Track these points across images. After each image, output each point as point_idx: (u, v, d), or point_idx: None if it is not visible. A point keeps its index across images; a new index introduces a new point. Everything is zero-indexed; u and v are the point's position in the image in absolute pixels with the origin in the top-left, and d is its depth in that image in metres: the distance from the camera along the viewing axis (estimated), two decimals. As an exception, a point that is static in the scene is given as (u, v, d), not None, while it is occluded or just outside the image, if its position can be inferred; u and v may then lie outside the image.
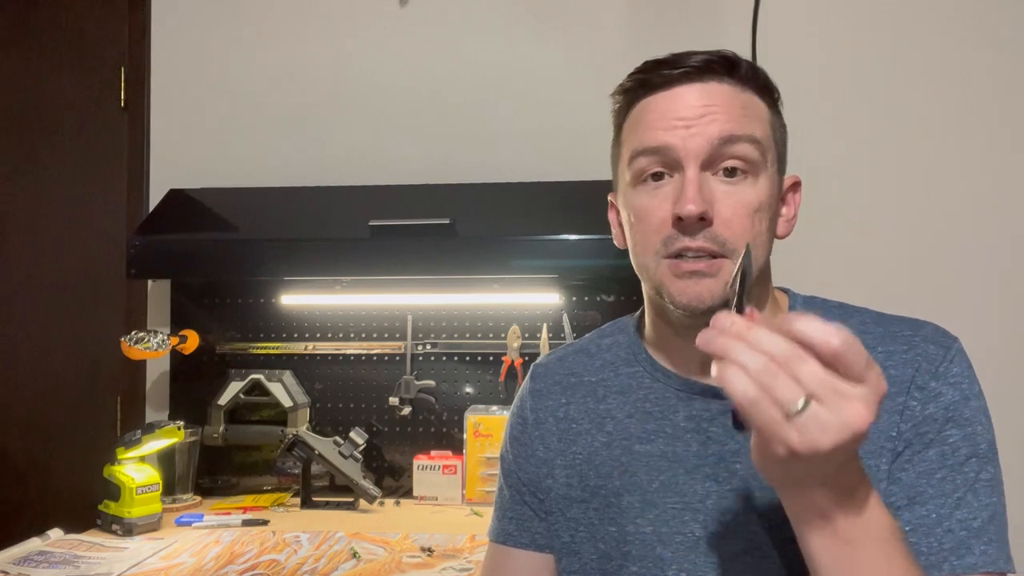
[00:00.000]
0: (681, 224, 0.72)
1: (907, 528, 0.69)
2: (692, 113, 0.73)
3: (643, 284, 0.81)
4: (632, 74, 0.79)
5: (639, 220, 0.76)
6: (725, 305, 0.61)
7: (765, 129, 0.75)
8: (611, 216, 0.86)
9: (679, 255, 0.72)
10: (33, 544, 1.48)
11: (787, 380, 0.51)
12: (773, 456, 0.54)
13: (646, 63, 0.78)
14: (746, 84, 0.75)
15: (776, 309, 0.81)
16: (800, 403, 0.51)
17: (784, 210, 0.80)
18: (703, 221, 0.71)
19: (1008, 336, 1.76)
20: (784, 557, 0.71)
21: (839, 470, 0.55)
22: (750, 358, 0.52)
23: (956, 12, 1.81)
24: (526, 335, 1.87)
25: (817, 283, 0.98)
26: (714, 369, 0.54)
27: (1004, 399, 1.11)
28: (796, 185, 0.82)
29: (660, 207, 0.74)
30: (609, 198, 0.86)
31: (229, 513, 1.68)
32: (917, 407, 0.72)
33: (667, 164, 0.74)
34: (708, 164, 0.73)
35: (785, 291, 0.85)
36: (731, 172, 0.73)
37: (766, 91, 0.77)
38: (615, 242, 0.86)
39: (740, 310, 0.58)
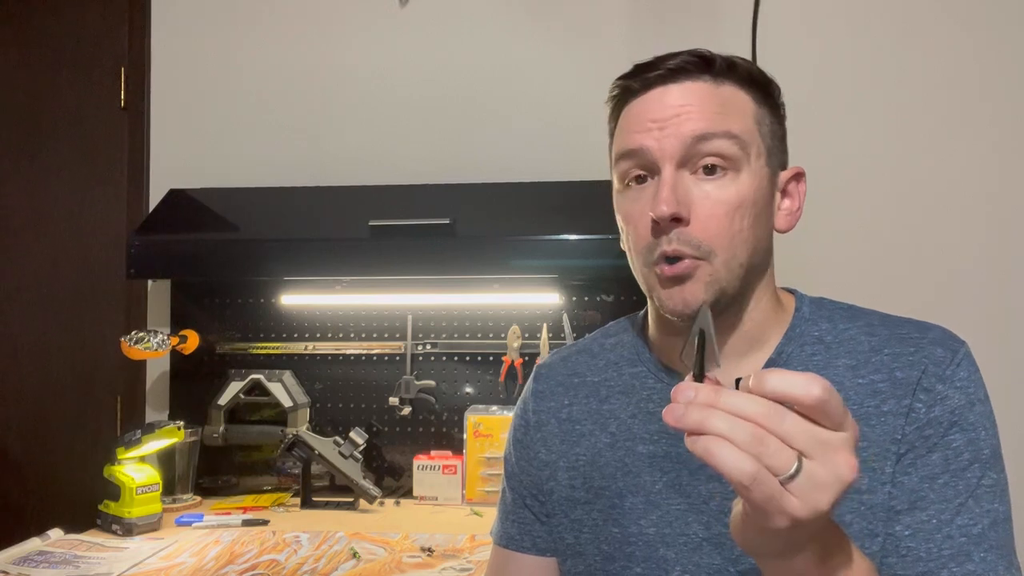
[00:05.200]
0: (657, 227, 0.72)
1: (907, 532, 0.69)
2: (666, 114, 0.73)
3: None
4: (617, 79, 0.80)
5: (627, 224, 0.77)
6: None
7: (746, 123, 0.74)
8: (618, 219, 0.86)
9: (662, 260, 0.73)
10: (33, 544, 1.48)
11: (777, 444, 0.48)
12: (772, 530, 0.50)
13: (632, 68, 0.79)
14: (724, 79, 0.75)
15: (781, 309, 0.80)
16: (795, 466, 0.48)
17: (786, 203, 0.79)
18: (679, 222, 0.71)
19: (1014, 337, 1.76)
20: None
21: (822, 528, 0.53)
22: (733, 427, 0.49)
23: (955, 11, 1.82)
24: (526, 335, 1.87)
25: (823, 284, 0.98)
26: (689, 444, 0.50)
27: (1009, 402, 1.11)
28: (799, 176, 0.81)
29: (642, 212, 0.74)
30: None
31: (229, 513, 1.68)
32: (922, 409, 0.71)
33: (645, 167, 0.74)
34: (684, 163, 0.73)
35: (792, 292, 0.84)
36: (710, 170, 0.72)
37: (750, 84, 0.77)
38: (622, 245, 0.85)
39: (700, 376, 0.54)
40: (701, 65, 0.75)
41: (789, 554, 0.54)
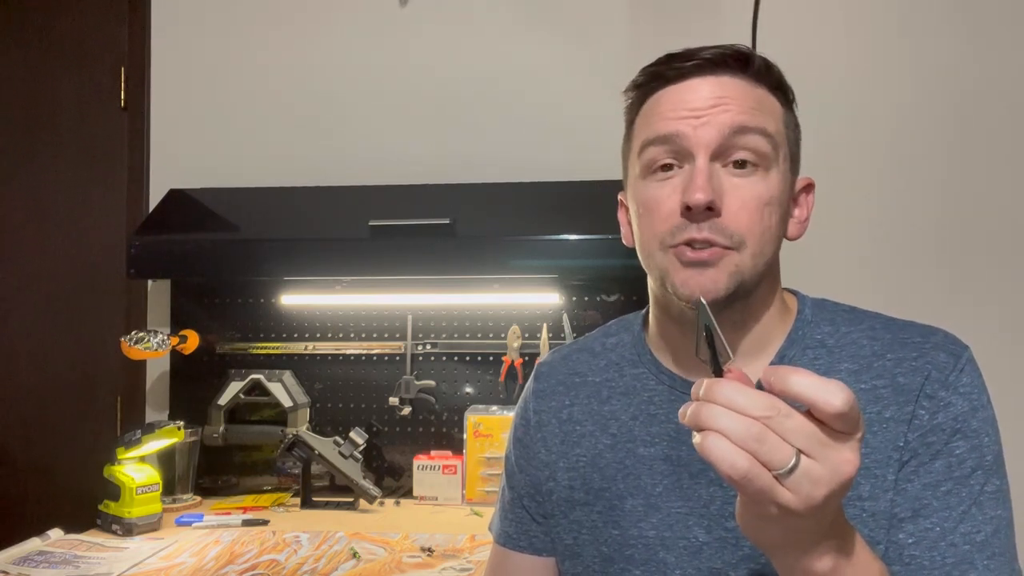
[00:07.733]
0: (689, 213, 0.70)
1: (910, 540, 0.68)
2: (704, 104, 0.72)
3: (649, 278, 0.79)
4: (645, 69, 0.78)
5: (647, 211, 0.75)
6: (731, 301, 0.55)
7: (777, 125, 0.74)
8: (621, 215, 0.85)
9: (686, 244, 0.71)
10: (33, 544, 1.48)
11: (775, 441, 0.49)
12: (766, 517, 0.51)
13: (659, 58, 0.77)
14: (759, 80, 0.75)
15: (785, 312, 0.80)
16: (791, 463, 0.48)
17: (796, 212, 0.79)
18: (711, 211, 0.70)
19: (1016, 341, 1.76)
20: None
21: (832, 524, 0.54)
22: (730, 422, 0.49)
23: (956, 7, 1.81)
24: (526, 335, 1.87)
25: (825, 285, 0.97)
26: (695, 439, 0.51)
27: (1010, 405, 1.11)
28: (810, 187, 0.81)
29: (669, 198, 0.72)
30: (619, 197, 0.85)
31: (229, 513, 1.68)
32: (925, 416, 0.71)
33: (677, 154, 0.73)
34: (718, 155, 0.72)
35: (795, 293, 0.83)
36: (741, 164, 0.72)
37: (779, 89, 0.77)
38: (624, 241, 0.84)
39: (718, 371, 0.53)
40: (740, 61, 0.74)
41: (797, 549, 0.54)
